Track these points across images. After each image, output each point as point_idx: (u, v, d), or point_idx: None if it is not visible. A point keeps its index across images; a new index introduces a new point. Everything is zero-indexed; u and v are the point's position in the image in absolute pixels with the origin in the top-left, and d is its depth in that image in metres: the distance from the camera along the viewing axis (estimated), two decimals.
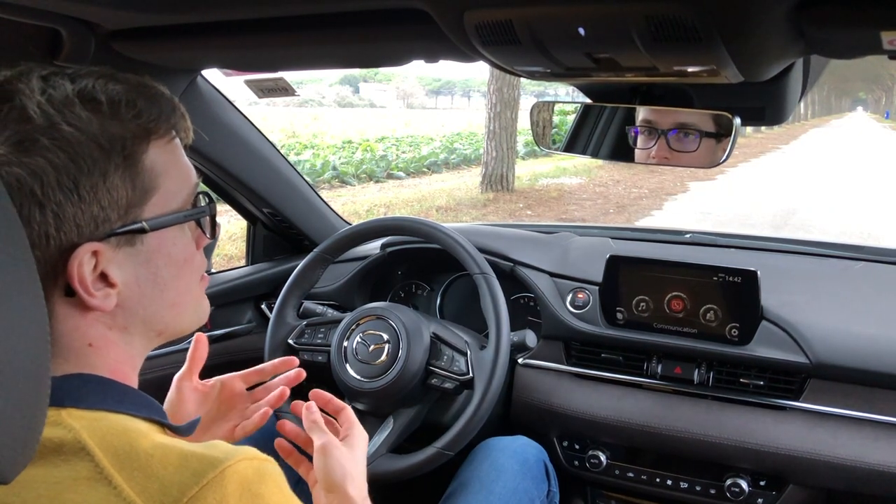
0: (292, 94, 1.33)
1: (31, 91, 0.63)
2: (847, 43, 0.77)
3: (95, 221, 0.64)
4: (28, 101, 0.62)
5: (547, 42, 0.80)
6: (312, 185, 1.86)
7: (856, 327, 1.36)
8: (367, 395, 1.33)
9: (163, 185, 0.69)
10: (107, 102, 0.65)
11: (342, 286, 1.75)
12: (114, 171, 0.65)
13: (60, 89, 0.64)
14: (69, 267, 0.63)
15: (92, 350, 0.68)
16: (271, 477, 0.62)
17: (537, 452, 1.40)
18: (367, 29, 0.97)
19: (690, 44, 0.73)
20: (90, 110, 0.64)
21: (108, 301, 0.66)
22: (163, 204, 0.69)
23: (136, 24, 1.05)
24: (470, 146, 16.92)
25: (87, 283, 0.65)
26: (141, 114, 0.67)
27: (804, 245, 1.73)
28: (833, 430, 1.30)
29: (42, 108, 0.62)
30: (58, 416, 0.61)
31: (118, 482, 0.57)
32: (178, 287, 0.72)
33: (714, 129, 1.07)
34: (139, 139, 0.67)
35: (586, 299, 1.53)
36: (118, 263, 0.67)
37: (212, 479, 0.58)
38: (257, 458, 0.62)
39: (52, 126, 0.62)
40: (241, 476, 0.59)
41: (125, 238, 0.67)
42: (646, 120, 1.17)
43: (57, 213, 0.62)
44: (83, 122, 0.63)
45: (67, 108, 0.63)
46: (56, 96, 0.64)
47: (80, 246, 0.64)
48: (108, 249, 0.66)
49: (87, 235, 0.64)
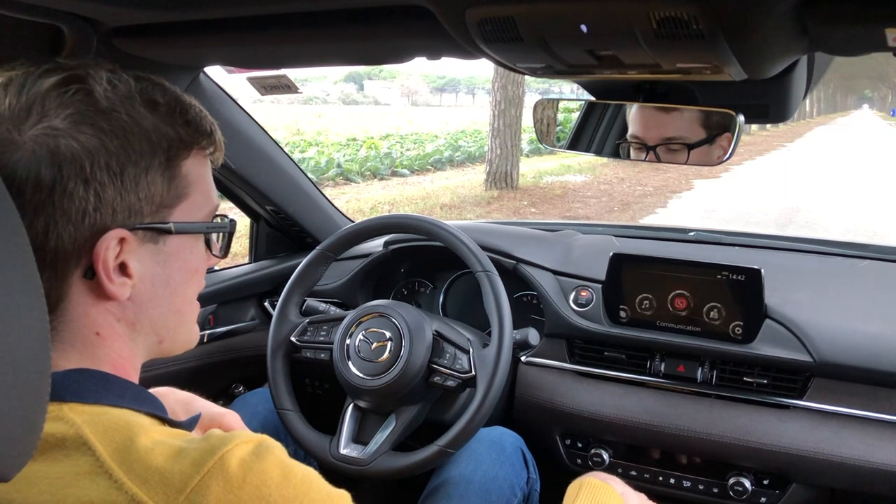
0: (295, 92, 1.33)
1: (101, 79, 0.68)
2: (851, 40, 0.76)
3: (130, 210, 0.68)
4: (96, 86, 0.67)
5: (549, 39, 0.80)
6: (315, 182, 1.86)
7: (860, 326, 1.36)
8: (370, 392, 1.33)
9: (192, 194, 0.74)
10: (164, 105, 0.70)
11: (345, 284, 1.75)
12: (156, 168, 0.69)
13: (125, 84, 0.69)
14: (96, 248, 0.66)
15: (98, 340, 0.69)
16: (269, 451, 0.63)
17: (514, 440, 1.40)
18: (369, 26, 0.97)
19: (693, 41, 0.73)
20: (148, 108, 0.69)
21: (122, 290, 0.69)
22: (189, 212, 0.74)
23: (138, 20, 1.05)
24: (474, 144, 16.91)
25: (109, 268, 0.67)
26: (189, 123, 0.73)
27: (808, 243, 1.72)
28: (837, 429, 1.30)
29: (108, 95, 0.67)
30: (59, 411, 0.62)
31: (119, 476, 0.58)
32: (185, 295, 0.76)
33: (704, 136, 1.07)
34: (183, 145, 0.72)
35: (589, 297, 1.52)
36: (139, 257, 0.70)
37: (212, 467, 0.59)
38: (252, 440, 0.63)
39: (113, 112, 0.67)
40: (240, 458, 0.60)
41: (151, 234, 0.70)
42: (633, 136, 1.18)
43: (98, 193, 0.66)
44: (140, 116, 0.68)
45: (129, 100, 0.68)
46: (121, 89, 0.68)
47: (111, 230, 0.67)
48: (134, 241, 0.69)
49: (119, 221, 0.67)
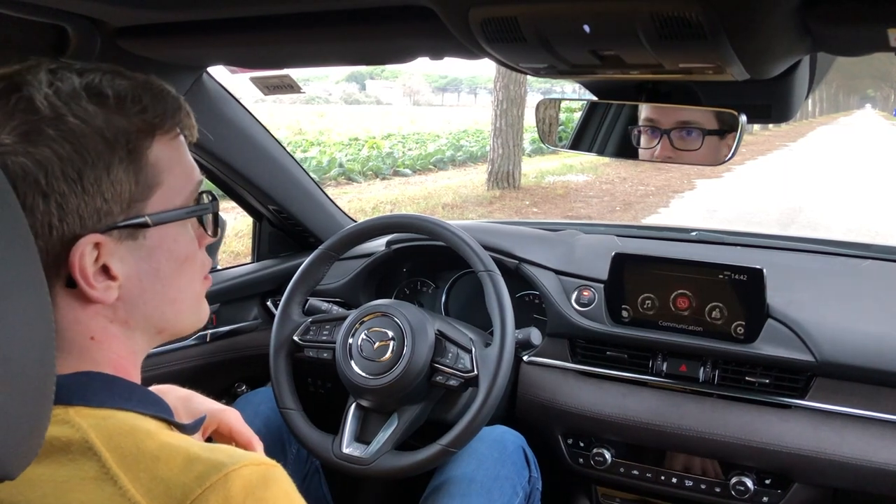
0: (298, 91, 1.33)
1: (39, 83, 0.64)
2: (853, 40, 0.77)
3: (98, 214, 0.65)
4: (36, 93, 0.63)
5: (552, 39, 0.80)
6: (318, 182, 1.86)
7: (862, 326, 1.36)
8: (372, 392, 1.34)
9: (166, 180, 0.70)
10: (113, 97, 0.66)
11: (347, 283, 1.75)
12: (118, 164, 0.66)
13: (68, 82, 0.65)
14: (71, 257, 0.64)
15: (94, 344, 0.68)
16: (277, 482, 0.62)
17: (515, 439, 1.40)
18: (372, 26, 0.97)
19: (696, 41, 0.73)
20: (96, 104, 0.65)
21: (108, 294, 0.67)
22: (166, 200, 0.70)
23: (141, 21, 1.06)
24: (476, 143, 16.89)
25: (88, 275, 0.65)
26: (146, 109, 0.68)
27: (811, 243, 1.72)
28: (839, 428, 1.30)
29: (49, 100, 0.63)
30: (65, 415, 0.61)
31: (124, 483, 0.58)
32: (178, 284, 0.73)
33: (717, 126, 1.06)
34: (144, 134, 0.68)
35: (591, 297, 1.53)
36: (120, 257, 0.67)
37: (215, 483, 0.58)
38: (264, 464, 0.62)
39: (58, 117, 0.63)
40: (246, 480, 0.59)
41: (127, 232, 0.67)
42: (648, 118, 1.16)
43: (60, 204, 0.63)
44: (89, 114, 0.64)
45: (74, 100, 0.64)
46: (63, 89, 0.64)
47: (82, 237, 0.64)
48: (111, 242, 0.66)
49: (89, 227, 0.65)
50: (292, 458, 1.47)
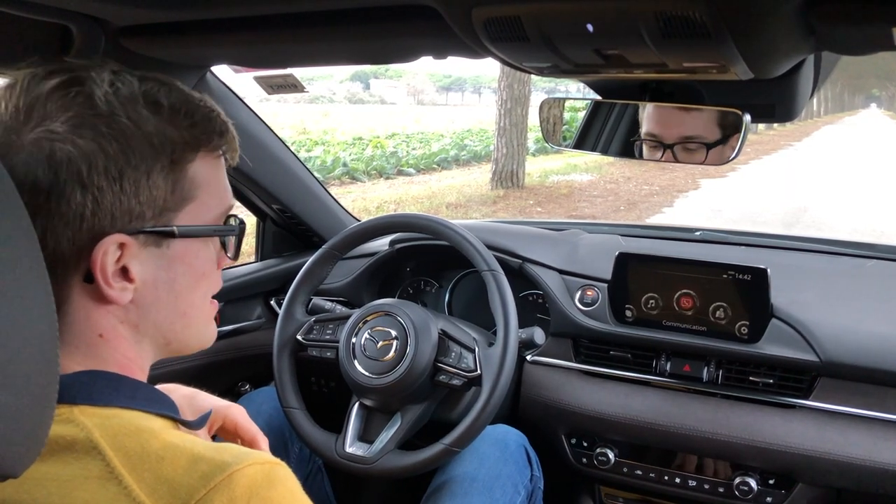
0: (301, 91, 1.33)
1: (101, 81, 0.67)
2: (857, 39, 0.76)
3: (130, 215, 0.67)
4: (97, 89, 0.66)
5: (555, 38, 0.80)
6: (321, 181, 1.87)
7: (866, 326, 1.35)
8: (376, 391, 1.34)
9: (200, 196, 0.72)
10: (167, 107, 0.69)
11: (351, 282, 1.75)
12: (159, 171, 0.68)
13: (128, 86, 0.68)
14: (94, 253, 0.65)
15: (102, 341, 0.69)
16: (282, 481, 0.62)
17: (517, 438, 1.40)
18: (375, 25, 0.97)
19: (700, 40, 0.73)
20: (150, 111, 0.68)
21: (123, 295, 0.68)
22: (196, 215, 0.72)
23: (145, 20, 1.06)
24: (480, 143, 16.90)
25: (108, 273, 0.66)
26: (196, 125, 0.71)
27: (815, 243, 1.72)
28: (843, 428, 1.30)
29: (108, 98, 0.66)
30: (70, 414, 0.62)
31: (128, 482, 0.58)
32: (191, 299, 0.74)
33: (720, 137, 1.07)
34: (189, 148, 0.70)
35: (595, 296, 1.52)
36: (141, 261, 0.69)
37: (220, 483, 0.58)
38: (268, 462, 0.62)
39: (112, 116, 0.65)
40: (250, 480, 0.59)
41: (153, 238, 0.69)
42: (650, 133, 1.16)
43: (97, 198, 0.65)
44: (142, 119, 0.67)
45: (131, 103, 0.67)
46: (123, 91, 0.67)
47: (109, 235, 0.66)
48: (135, 245, 0.68)
49: (118, 226, 0.66)
50: (295, 457, 1.47)
